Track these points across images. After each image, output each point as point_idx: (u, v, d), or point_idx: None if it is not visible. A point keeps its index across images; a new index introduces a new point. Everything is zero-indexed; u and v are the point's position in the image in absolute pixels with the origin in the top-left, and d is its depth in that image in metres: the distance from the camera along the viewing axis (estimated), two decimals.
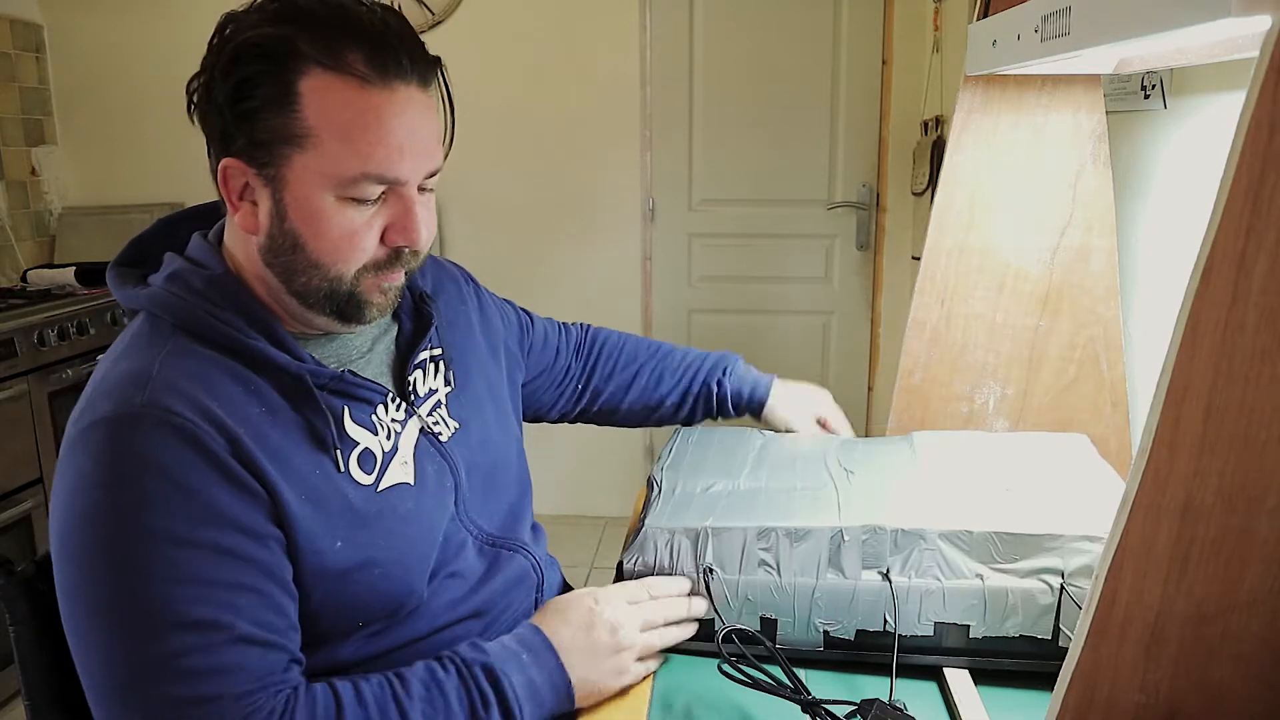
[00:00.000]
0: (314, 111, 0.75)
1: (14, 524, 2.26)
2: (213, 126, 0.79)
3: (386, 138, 0.77)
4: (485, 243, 3.18)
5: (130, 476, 0.72)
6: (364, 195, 0.78)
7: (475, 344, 1.04)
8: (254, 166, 0.77)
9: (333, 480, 0.81)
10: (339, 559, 0.80)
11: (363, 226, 0.79)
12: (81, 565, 0.73)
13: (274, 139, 0.76)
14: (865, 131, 3.11)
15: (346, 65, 0.75)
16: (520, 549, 1.00)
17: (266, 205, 0.79)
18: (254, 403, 0.79)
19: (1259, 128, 0.52)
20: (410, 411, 0.91)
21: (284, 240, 0.79)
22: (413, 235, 0.81)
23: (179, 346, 0.79)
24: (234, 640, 0.73)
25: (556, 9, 3.06)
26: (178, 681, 0.71)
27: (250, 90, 0.75)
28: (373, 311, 0.84)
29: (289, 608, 0.78)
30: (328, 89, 0.75)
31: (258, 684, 0.74)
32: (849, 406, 1.36)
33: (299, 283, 0.81)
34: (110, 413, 0.74)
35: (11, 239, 2.97)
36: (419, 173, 0.80)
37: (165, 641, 0.71)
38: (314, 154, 0.76)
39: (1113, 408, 1.32)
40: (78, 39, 3.15)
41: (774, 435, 1.20)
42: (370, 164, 0.77)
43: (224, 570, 0.74)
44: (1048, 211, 1.32)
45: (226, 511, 0.74)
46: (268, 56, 0.75)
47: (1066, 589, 0.87)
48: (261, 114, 0.75)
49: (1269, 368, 0.55)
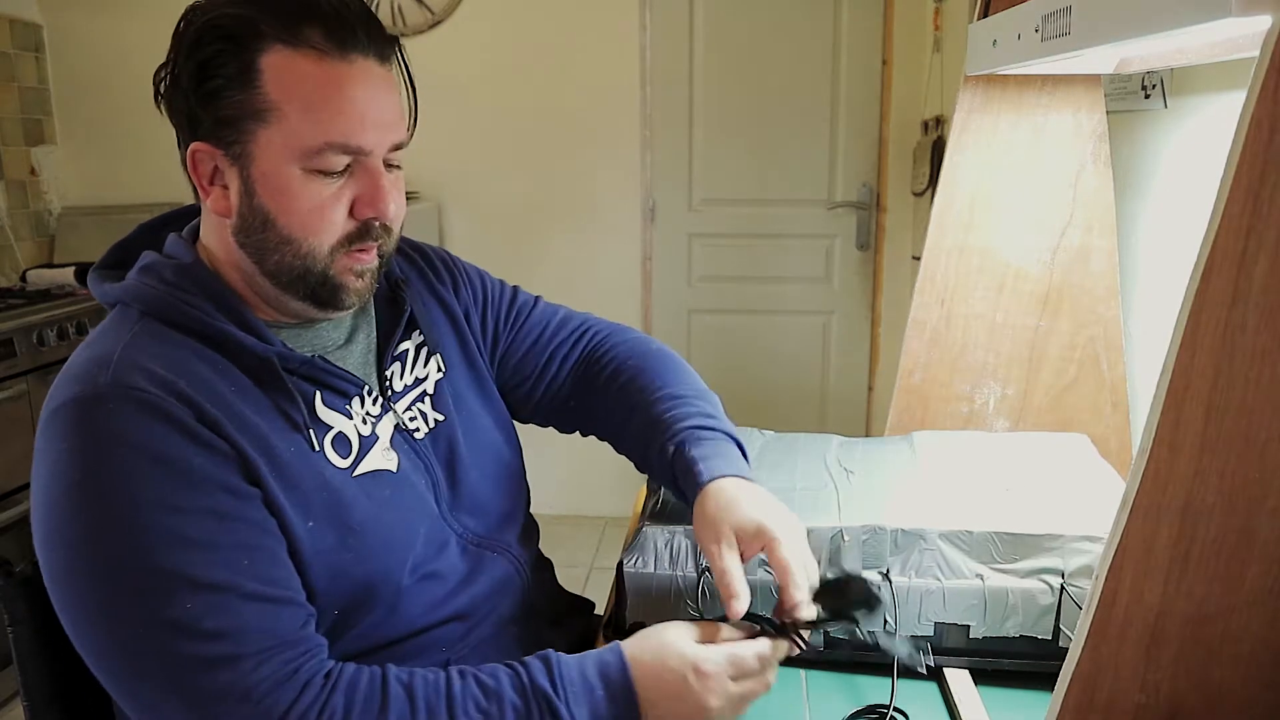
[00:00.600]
0: (275, 86, 0.77)
1: (14, 524, 2.26)
2: (179, 112, 0.81)
3: (347, 106, 0.78)
4: (485, 243, 3.18)
5: (104, 455, 0.72)
6: (329, 166, 0.79)
7: (458, 327, 1.03)
8: (221, 147, 0.79)
9: (307, 459, 0.81)
10: (312, 539, 0.80)
11: (330, 199, 0.80)
12: (71, 548, 0.72)
13: (238, 116, 0.78)
14: (865, 131, 3.11)
15: (305, 40, 0.77)
16: (505, 551, 0.98)
17: (236, 185, 0.80)
18: (223, 382, 0.79)
19: (1259, 128, 0.52)
20: (386, 406, 0.91)
21: (254, 218, 0.80)
22: (380, 206, 0.82)
23: (146, 330, 0.80)
24: (243, 599, 0.73)
25: (556, 9, 3.06)
26: (193, 643, 0.71)
27: (213, 71, 0.77)
28: (350, 297, 0.85)
29: (287, 560, 0.78)
30: (288, 63, 0.77)
31: (277, 641, 0.74)
32: (849, 406, 1.32)
33: (272, 261, 0.82)
34: (75, 394, 0.74)
35: (11, 239, 2.97)
36: (382, 144, 0.81)
37: (174, 607, 0.71)
38: (277, 127, 0.78)
39: (1113, 408, 1.32)
40: (77, 39, 3.15)
41: (774, 435, 1.20)
42: (333, 132, 0.78)
43: (219, 531, 0.74)
44: (1048, 211, 1.32)
45: (205, 474, 0.74)
46: (228, 37, 0.77)
47: (1066, 589, 0.87)
48: (225, 93, 0.77)
49: (1269, 368, 0.55)
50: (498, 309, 1.08)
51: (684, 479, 0.92)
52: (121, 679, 0.73)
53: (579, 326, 1.12)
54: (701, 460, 0.91)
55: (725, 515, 0.84)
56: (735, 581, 0.80)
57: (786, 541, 0.82)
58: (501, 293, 1.09)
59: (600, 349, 1.10)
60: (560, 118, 3.11)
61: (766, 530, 0.82)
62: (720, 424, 0.98)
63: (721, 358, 3.29)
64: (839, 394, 3.28)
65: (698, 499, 0.88)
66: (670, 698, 0.76)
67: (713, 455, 0.92)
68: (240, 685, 0.71)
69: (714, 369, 3.30)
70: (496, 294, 1.09)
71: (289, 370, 0.83)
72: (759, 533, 0.82)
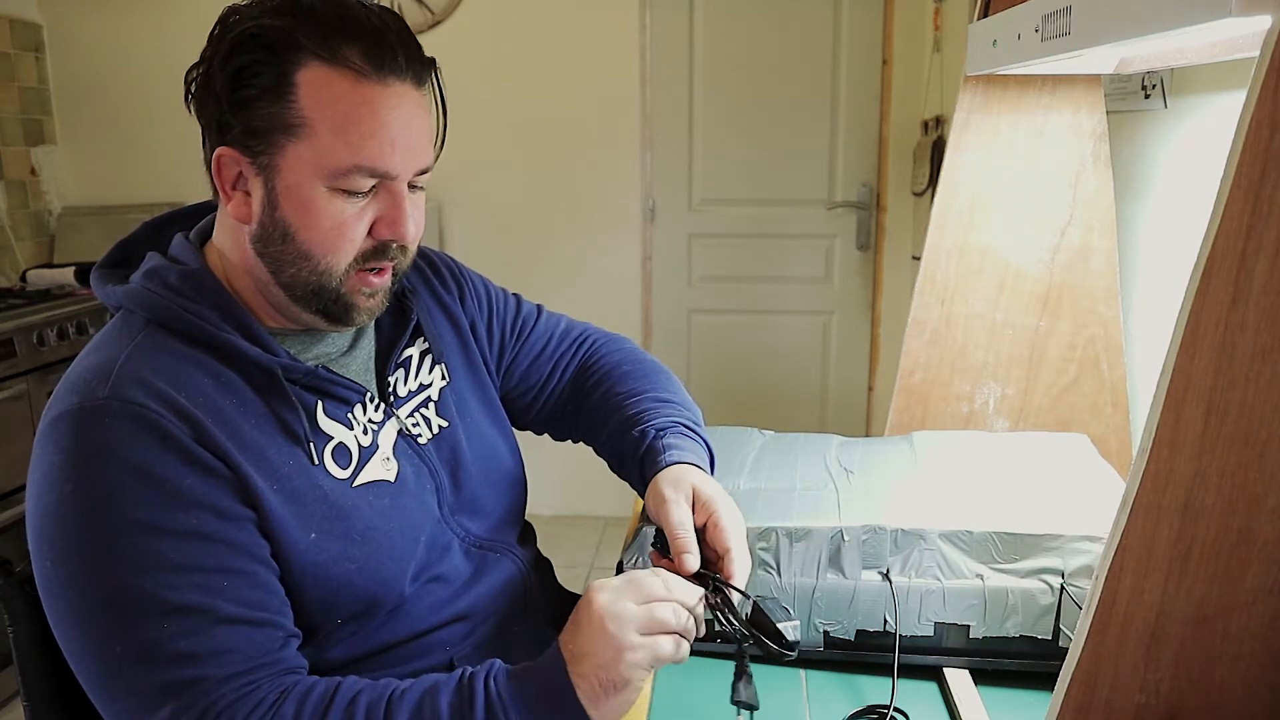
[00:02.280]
0: (310, 102, 0.77)
1: (13, 524, 2.26)
2: (209, 115, 0.80)
3: (379, 130, 0.78)
4: (485, 243, 3.18)
5: (97, 469, 0.72)
6: (355, 187, 0.79)
7: (462, 336, 1.03)
8: (248, 155, 0.79)
9: (307, 473, 0.82)
10: (314, 551, 0.80)
11: (352, 218, 0.80)
12: (58, 559, 0.73)
13: (269, 127, 0.77)
14: (865, 131, 3.11)
15: (343, 58, 0.77)
16: (508, 552, 0.99)
17: (259, 194, 0.80)
18: (224, 395, 0.79)
19: (1259, 128, 0.52)
20: (389, 413, 0.91)
21: (275, 229, 0.80)
22: (400, 229, 0.82)
23: (149, 340, 0.80)
24: (218, 622, 0.73)
25: (556, 9, 3.06)
26: (162, 667, 0.71)
27: (248, 79, 0.77)
28: (360, 315, 0.85)
29: (275, 584, 0.78)
30: (324, 81, 0.77)
31: (250, 664, 0.74)
32: (849, 406, 1.32)
33: (288, 274, 0.82)
34: (74, 406, 0.75)
35: (11, 239, 2.97)
36: (410, 168, 0.81)
37: (147, 629, 0.71)
38: (308, 144, 0.77)
39: (1113, 408, 1.32)
40: (77, 39, 3.15)
41: (774, 435, 1.20)
42: (362, 156, 0.78)
43: (200, 554, 0.74)
44: (1048, 211, 1.32)
45: (197, 496, 0.74)
46: (267, 46, 0.76)
47: (1066, 589, 0.87)
48: (258, 102, 0.77)
49: (1269, 368, 0.55)
50: (503, 320, 1.08)
51: (649, 459, 0.93)
52: (94, 688, 0.74)
53: (578, 337, 1.14)
54: (675, 448, 0.93)
55: (682, 480, 0.88)
56: (687, 536, 0.82)
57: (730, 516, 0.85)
58: (506, 303, 1.10)
59: (593, 357, 1.12)
60: (560, 118, 3.11)
61: (715, 500, 0.86)
62: (698, 430, 1.00)
63: (721, 358, 3.29)
64: (839, 394, 3.28)
65: (658, 473, 0.90)
66: (576, 624, 0.75)
67: (686, 449, 0.94)
68: (199, 705, 0.71)
69: (714, 369, 3.30)
70: (501, 304, 1.09)
71: (292, 380, 0.83)
72: (709, 501, 0.86)
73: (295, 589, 0.80)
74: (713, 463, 0.98)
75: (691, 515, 0.85)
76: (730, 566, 0.82)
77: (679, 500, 0.85)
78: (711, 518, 0.85)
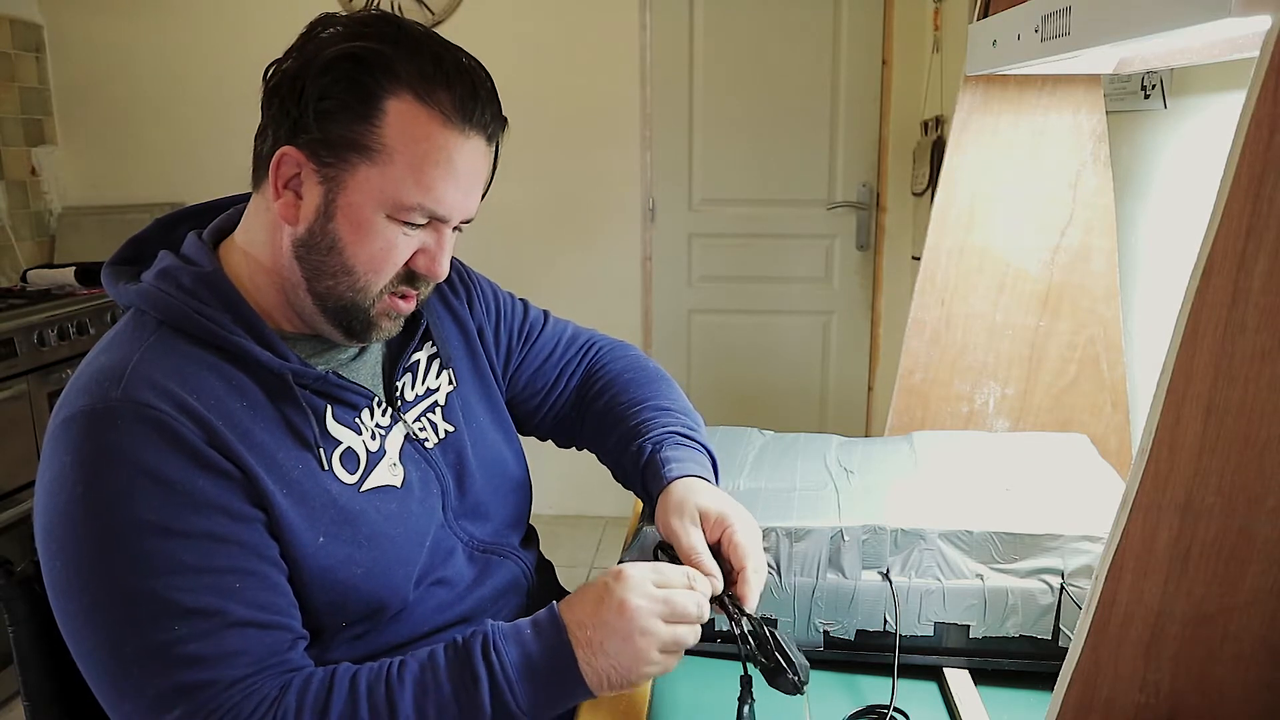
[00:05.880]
0: (394, 132, 0.78)
1: (14, 524, 2.26)
2: (282, 113, 0.80)
3: (450, 177, 0.81)
4: (485, 243, 3.17)
5: (108, 471, 0.72)
6: (412, 220, 0.81)
7: (470, 342, 1.03)
8: (315, 162, 0.79)
9: (316, 477, 0.82)
10: (321, 555, 0.81)
11: (400, 246, 0.83)
12: (69, 560, 0.73)
13: (346, 143, 0.78)
14: (865, 131, 3.11)
15: (436, 100, 0.79)
16: (511, 554, 0.99)
17: (315, 201, 0.80)
18: (235, 398, 0.79)
19: (1259, 128, 0.52)
20: (396, 417, 0.91)
21: (323, 239, 0.81)
22: (436, 268, 0.85)
23: (161, 341, 0.80)
24: (229, 625, 0.73)
25: (556, 9, 3.06)
26: (173, 670, 0.72)
27: (338, 92, 0.78)
28: (379, 334, 0.87)
29: (284, 585, 0.79)
30: (412, 116, 0.78)
31: (257, 666, 0.74)
32: (849, 406, 1.32)
33: (324, 284, 0.83)
34: (86, 407, 0.74)
35: (11, 239, 2.97)
36: (463, 215, 0.85)
37: (158, 631, 0.72)
38: (380, 170, 0.79)
39: (1113, 408, 1.32)
40: (77, 39, 3.15)
41: (774, 435, 1.20)
42: (429, 197, 0.80)
43: (212, 556, 0.74)
44: (1048, 211, 1.32)
45: (208, 498, 0.75)
46: (366, 67, 0.78)
47: (1066, 589, 0.87)
48: (340, 116, 0.78)
49: (1269, 368, 0.55)
50: (510, 325, 1.09)
51: (651, 475, 0.94)
52: (103, 690, 0.74)
53: (585, 344, 1.14)
54: (674, 460, 0.93)
55: (689, 498, 0.87)
56: (706, 560, 0.83)
57: (746, 530, 0.84)
58: (513, 308, 1.10)
59: (598, 364, 1.12)
60: (560, 118, 3.11)
61: (728, 516, 0.85)
62: (699, 437, 1.00)
63: (721, 358, 3.29)
64: (839, 394, 3.28)
65: (662, 492, 0.90)
66: (592, 602, 0.77)
67: (686, 459, 0.94)
68: (208, 708, 0.72)
69: (714, 369, 3.30)
70: (509, 310, 1.10)
71: (302, 385, 0.83)
72: (721, 518, 0.85)
73: (302, 592, 0.81)
74: (715, 466, 0.98)
75: (703, 536, 0.85)
76: (744, 587, 0.82)
77: (685, 527, 0.85)
78: (726, 533, 0.84)
